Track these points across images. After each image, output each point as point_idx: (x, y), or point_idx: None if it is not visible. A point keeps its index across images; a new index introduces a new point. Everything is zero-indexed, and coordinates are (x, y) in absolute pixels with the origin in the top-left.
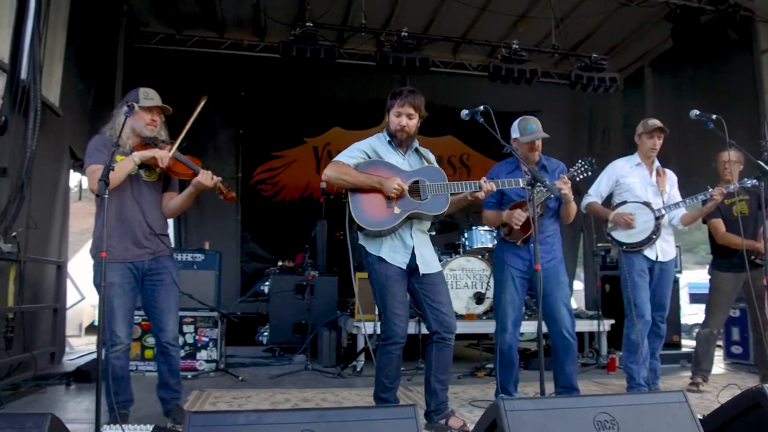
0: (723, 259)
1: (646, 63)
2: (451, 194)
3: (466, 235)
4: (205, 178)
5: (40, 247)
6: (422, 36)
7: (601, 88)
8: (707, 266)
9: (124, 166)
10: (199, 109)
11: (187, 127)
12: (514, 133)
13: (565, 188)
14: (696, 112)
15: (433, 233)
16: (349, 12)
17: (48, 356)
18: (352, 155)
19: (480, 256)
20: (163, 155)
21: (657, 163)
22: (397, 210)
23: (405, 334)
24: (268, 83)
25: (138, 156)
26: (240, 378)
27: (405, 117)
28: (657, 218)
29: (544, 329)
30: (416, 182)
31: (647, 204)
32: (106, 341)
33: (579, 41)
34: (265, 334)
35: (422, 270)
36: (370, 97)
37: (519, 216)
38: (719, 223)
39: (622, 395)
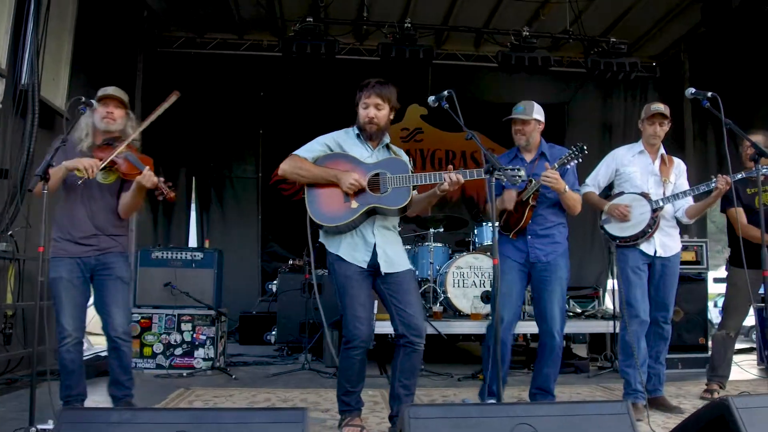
0: (741, 253)
1: (682, 48)
2: (419, 187)
3: (476, 231)
4: (144, 178)
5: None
6: (426, 26)
7: (621, 75)
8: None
9: (55, 171)
10: (166, 105)
11: (144, 125)
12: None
13: (551, 179)
14: (692, 90)
15: (441, 230)
16: (363, 7)
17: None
18: (311, 149)
19: (489, 254)
20: (87, 165)
21: (662, 151)
22: (354, 204)
23: (367, 338)
24: (287, 83)
25: (64, 165)
26: (233, 377)
27: (373, 108)
28: (654, 210)
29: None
30: (377, 175)
31: (645, 195)
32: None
33: (607, 27)
34: (273, 333)
35: (384, 269)
36: None
37: (509, 197)
38: (740, 214)
39: (551, 404)
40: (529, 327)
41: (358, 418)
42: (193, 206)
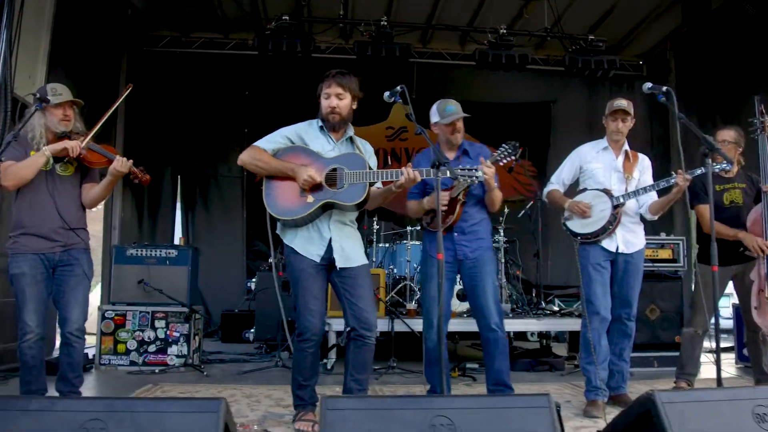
0: (709, 250)
1: (668, 47)
2: (380, 183)
3: None
4: (120, 164)
5: None
6: (405, 24)
7: (599, 72)
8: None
9: (35, 160)
10: (121, 99)
11: (105, 117)
12: (434, 117)
13: (489, 173)
14: (648, 85)
15: (419, 227)
16: (347, 6)
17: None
18: (272, 141)
19: None
20: (73, 145)
21: (626, 147)
22: (310, 199)
23: (318, 331)
24: (272, 82)
25: (48, 149)
26: (205, 373)
27: (334, 97)
28: (615, 207)
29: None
30: (335, 170)
31: (606, 191)
32: None
33: (592, 25)
34: (252, 331)
35: (339, 264)
36: (374, 93)
37: (442, 196)
38: (706, 210)
39: (471, 398)
40: (522, 325)
41: (311, 413)
42: (178, 205)
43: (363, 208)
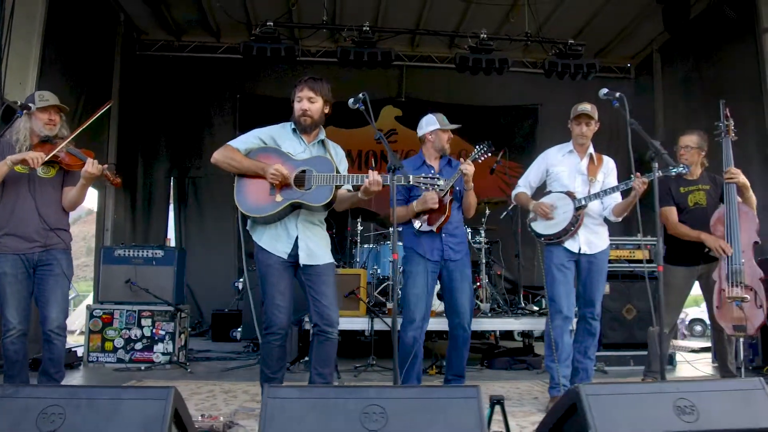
0: (675, 251)
1: (655, 48)
2: (349, 185)
3: None
4: (91, 166)
5: None
6: (390, 30)
7: (579, 76)
8: None
9: None
10: (102, 111)
11: (83, 127)
12: (432, 125)
13: (470, 169)
14: (604, 90)
15: (400, 229)
16: (336, 11)
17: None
18: (245, 140)
19: None
20: (34, 156)
21: (591, 150)
22: (279, 198)
23: (284, 325)
24: (263, 85)
25: (9, 159)
26: (189, 371)
27: (306, 101)
28: (577, 209)
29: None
30: (304, 171)
31: (569, 194)
32: None
33: (580, 29)
34: (239, 329)
35: (303, 261)
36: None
37: (432, 197)
38: (671, 212)
39: (404, 388)
40: (500, 325)
41: None
42: (171, 206)
43: (330, 208)
